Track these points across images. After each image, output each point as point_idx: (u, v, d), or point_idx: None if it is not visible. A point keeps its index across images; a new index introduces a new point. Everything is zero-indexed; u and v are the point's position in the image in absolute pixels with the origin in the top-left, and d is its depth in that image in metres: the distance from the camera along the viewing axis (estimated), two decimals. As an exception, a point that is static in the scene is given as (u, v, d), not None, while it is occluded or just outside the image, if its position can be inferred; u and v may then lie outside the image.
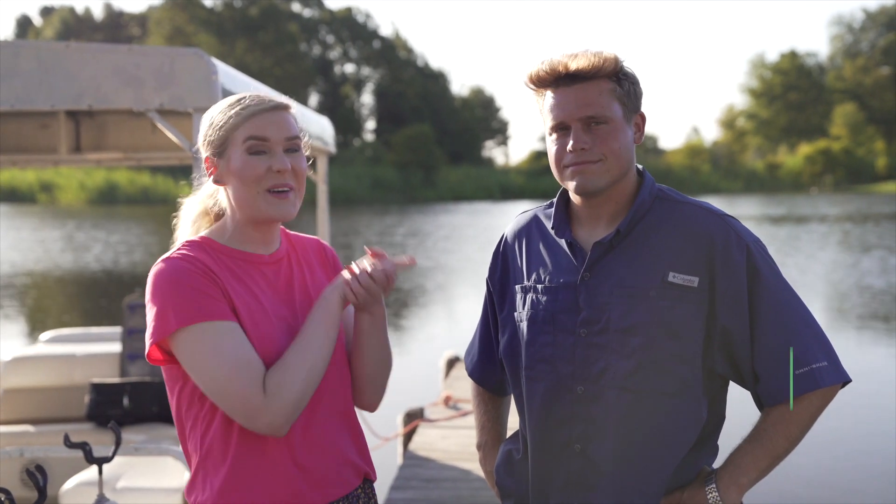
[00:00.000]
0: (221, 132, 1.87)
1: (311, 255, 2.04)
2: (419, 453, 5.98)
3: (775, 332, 1.89)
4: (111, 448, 2.56)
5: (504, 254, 2.17)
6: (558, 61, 1.92)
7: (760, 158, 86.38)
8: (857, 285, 17.80)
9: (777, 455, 1.91)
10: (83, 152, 5.40)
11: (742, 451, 1.93)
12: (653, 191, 2.01)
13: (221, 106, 1.90)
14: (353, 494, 1.94)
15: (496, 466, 2.17)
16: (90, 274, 22.43)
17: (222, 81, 3.85)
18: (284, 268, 1.96)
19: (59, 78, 3.79)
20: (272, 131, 1.85)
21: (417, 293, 18.65)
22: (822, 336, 1.93)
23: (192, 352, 1.76)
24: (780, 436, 1.90)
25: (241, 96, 1.90)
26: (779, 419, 1.90)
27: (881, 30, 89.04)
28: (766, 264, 1.93)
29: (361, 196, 60.39)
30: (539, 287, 2.02)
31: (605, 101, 1.91)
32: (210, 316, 1.77)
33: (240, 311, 1.82)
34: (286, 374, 1.77)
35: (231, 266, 1.87)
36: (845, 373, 1.91)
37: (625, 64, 1.95)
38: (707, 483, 1.92)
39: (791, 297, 1.93)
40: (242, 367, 1.75)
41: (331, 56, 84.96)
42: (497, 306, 2.17)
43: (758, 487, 1.96)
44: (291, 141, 1.88)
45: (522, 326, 2.04)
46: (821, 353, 1.90)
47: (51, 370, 5.79)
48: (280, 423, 1.76)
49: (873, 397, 9.13)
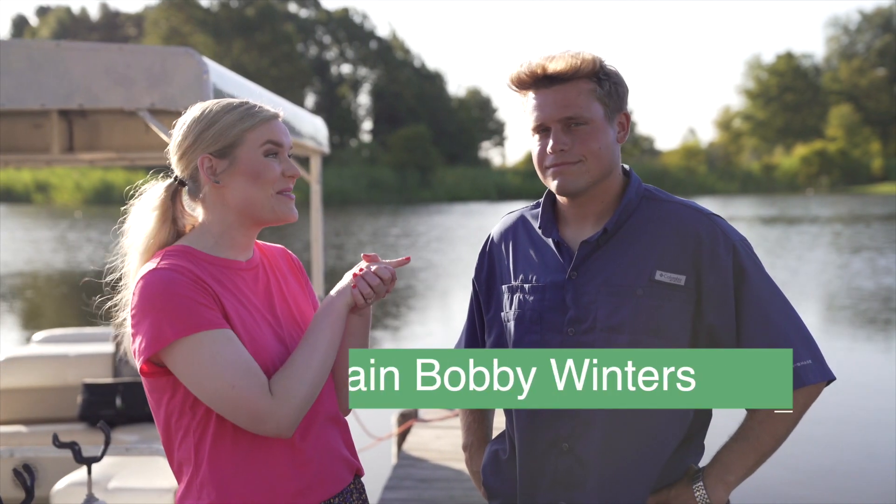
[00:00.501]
0: (231, 133, 1.88)
1: (280, 262, 2.07)
2: (413, 453, 5.99)
3: (760, 331, 1.90)
4: (101, 448, 2.56)
5: (490, 254, 2.18)
6: (537, 63, 1.94)
7: (756, 159, 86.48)
8: (847, 286, 17.82)
9: (763, 453, 1.92)
10: (76, 152, 5.39)
11: (729, 450, 1.94)
12: (639, 190, 2.02)
13: (220, 107, 1.91)
14: (347, 490, 1.96)
15: (483, 466, 2.17)
16: (83, 273, 22.40)
17: (214, 81, 3.85)
18: (261, 274, 1.98)
19: (49, 77, 3.78)
20: (284, 138, 1.93)
21: (409, 293, 18.65)
22: (807, 335, 1.93)
23: (191, 362, 1.76)
24: (766, 434, 1.91)
25: (240, 101, 1.92)
26: (765, 417, 1.91)
27: (877, 31, 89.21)
28: (753, 263, 1.94)
29: (358, 197, 60.37)
30: (526, 287, 2.03)
31: (584, 101, 1.92)
32: (206, 325, 1.77)
33: (232, 319, 1.83)
34: (294, 378, 1.80)
35: (215, 274, 1.87)
36: (829, 371, 1.92)
37: (606, 63, 1.96)
38: (694, 481, 1.92)
39: (776, 296, 1.94)
40: (246, 373, 1.76)
41: (327, 56, 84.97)
42: (483, 306, 2.17)
43: (754, 487, 1.97)
44: (291, 149, 1.95)
45: (510, 326, 2.04)
46: (805, 352, 1.91)
47: (43, 370, 5.78)
48: (287, 425, 1.79)
49: (863, 398, 9.15)
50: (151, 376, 1.84)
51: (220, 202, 1.91)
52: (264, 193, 1.89)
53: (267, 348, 1.85)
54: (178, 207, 1.97)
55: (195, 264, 1.85)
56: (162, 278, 1.79)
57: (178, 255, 1.87)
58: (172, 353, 1.77)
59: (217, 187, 1.90)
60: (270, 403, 1.76)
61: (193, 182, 1.94)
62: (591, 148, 1.93)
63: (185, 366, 1.77)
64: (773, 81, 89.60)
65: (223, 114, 1.90)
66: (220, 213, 1.92)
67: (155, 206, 1.94)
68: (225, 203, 1.91)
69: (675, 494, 1.94)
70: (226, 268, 1.90)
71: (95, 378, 5.67)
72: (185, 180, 1.95)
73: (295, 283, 2.06)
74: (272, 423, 1.77)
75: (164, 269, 1.81)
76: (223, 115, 1.90)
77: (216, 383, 1.75)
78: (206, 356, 1.75)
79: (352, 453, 2.01)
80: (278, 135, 1.91)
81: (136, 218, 1.97)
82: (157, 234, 1.93)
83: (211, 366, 1.75)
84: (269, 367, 1.84)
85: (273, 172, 1.90)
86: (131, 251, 1.95)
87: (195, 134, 1.91)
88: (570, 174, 1.94)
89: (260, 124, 1.90)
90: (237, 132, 1.89)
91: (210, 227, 1.93)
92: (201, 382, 1.77)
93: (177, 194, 1.97)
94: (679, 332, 1.90)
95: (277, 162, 1.91)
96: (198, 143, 1.90)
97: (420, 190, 68.44)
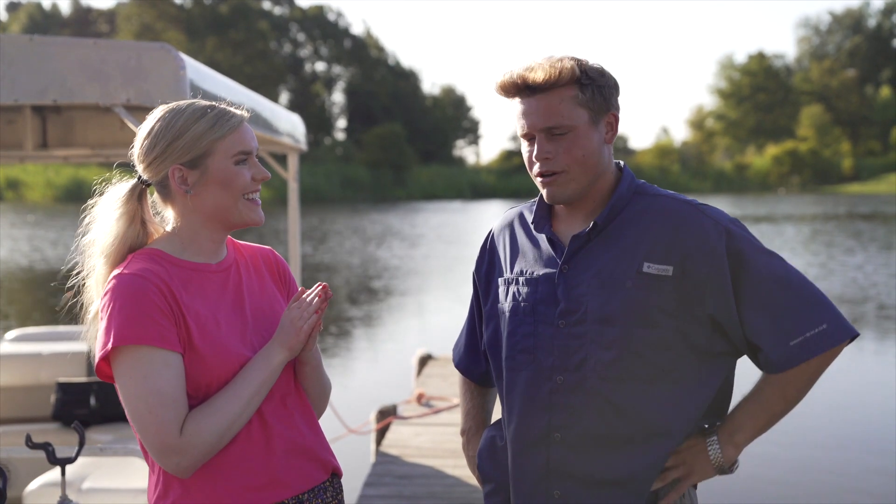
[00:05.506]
0: (202, 143, 1.87)
1: (260, 263, 2.07)
2: (392, 450, 5.98)
3: (765, 307, 1.90)
4: (76, 448, 2.52)
5: (490, 249, 2.21)
6: (518, 74, 1.95)
7: (729, 159, 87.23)
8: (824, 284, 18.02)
9: (774, 414, 1.96)
10: (50, 148, 5.31)
11: (740, 409, 1.98)
12: (631, 185, 2.03)
13: (189, 115, 1.89)
14: (320, 488, 1.97)
15: (479, 451, 2.19)
16: (54, 271, 22.14)
17: (191, 77, 3.80)
18: (233, 275, 1.98)
19: (22, 72, 3.72)
20: (253, 144, 1.93)
21: (387, 291, 18.63)
22: (819, 298, 1.92)
23: (125, 373, 1.79)
24: (777, 396, 1.95)
25: (207, 105, 1.91)
26: (777, 380, 1.94)
27: (847, 32, 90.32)
28: (748, 243, 1.94)
29: (332, 195, 60.22)
30: (520, 279, 2.05)
31: (565, 109, 1.93)
32: (154, 341, 1.78)
33: (192, 327, 1.83)
34: (207, 421, 1.80)
35: (183, 278, 1.88)
36: (850, 328, 1.91)
37: (589, 64, 1.96)
38: (708, 436, 1.97)
39: (779, 268, 1.93)
40: (167, 405, 1.78)
41: (301, 54, 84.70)
42: (482, 300, 2.20)
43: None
44: (257, 150, 1.97)
45: (505, 318, 2.06)
46: (818, 317, 1.90)
47: (16, 369, 5.69)
48: (187, 466, 1.80)
49: (853, 395, 9.26)
50: (109, 378, 1.86)
51: (189, 209, 1.92)
52: (234, 199, 1.91)
53: (229, 352, 1.86)
54: (145, 208, 1.97)
55: (164, 268, 1.86)
56: (129, 284, 1.81)
57: (147, 258, 1.88)
58: (116, 357, 1.80)
59: (187, 196, 1.90)
60: (177, 442, 1.78)
61: (162, 187, 1.94)
62: (575, 156, 1.95)
63: (119, 373, 1.80)
64: (745, 81, 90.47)
65: (192, 122, 1.89)
66: (190, 219, 1.93)
67: (119, 207, 1.94)
68: (195, 209, 1.92)
69: (688, 445, 1.97)
70: (194, 271, 1.91)
71: (69, 377, 5.60)
72: (154, 183, 1.94)
73: (272, 283, 2.06)
74: (173, 460, 1.79)
75: (132, 274, 1.82)
76: (192, 124, 1.88)
77: (137, 403, 1.78)
78: (139, 373, 1.77)
79: (326, 452, 2.01)
80: (248, 142, 1.92)
81: (101, 218, 1.96)
82: (124, 236, 1.93)
83: (140, 384, 1.77)
84: (232, 370, 1.86)
85: (243, 179, 1.91)
86: (96, 251, 1.94)
87: (164, 143, 1.89)
88: (556, 185, 1.97)
89: (230, 133, 1.90)
90: (207, 143, 1.88)
91: (179, 232, 1.94)
92: (127, 396, 1.80)
93: (142, 195, 1.96)
94: (669, 322, 1.91)
95: (247, 168, 1.92)
96: (167, 153, 1.89)
97: (394, 188, 68.44)
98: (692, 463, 1.96)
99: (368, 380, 10.90)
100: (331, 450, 2.04)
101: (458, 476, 5.41)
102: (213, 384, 1.85)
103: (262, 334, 1.95)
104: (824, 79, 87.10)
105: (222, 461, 1.85)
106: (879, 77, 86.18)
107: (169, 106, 1.93)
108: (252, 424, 1.87)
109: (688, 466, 1.96)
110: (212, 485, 1.84)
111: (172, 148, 1.88)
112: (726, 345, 1.95)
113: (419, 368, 8.71)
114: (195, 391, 1.84)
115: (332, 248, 27.07)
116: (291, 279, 2.12)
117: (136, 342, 1.77)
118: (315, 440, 1.98)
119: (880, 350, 12.30)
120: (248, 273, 2.02)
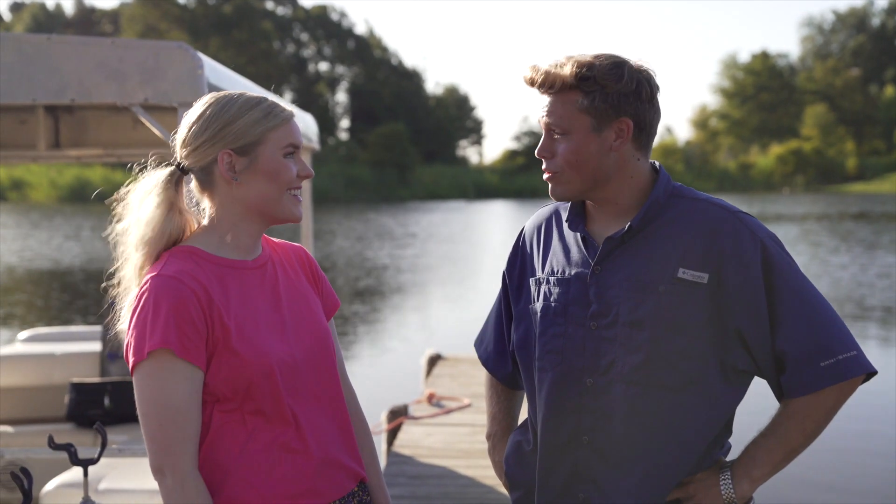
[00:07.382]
0: (255, 131, 1.86)
1: (293, 260, 2.05)
2: (404, 451, 5.97)
3: (799, 325, 1.88)
4: (95, 449, 2.52)
5: (522, 248, 2.19)
6: (526, 72, 1.97)
7: (733, 158, 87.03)
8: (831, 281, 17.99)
9: (792, 449, 1.92)
10: (62, 148, 5.31)
11: (756, 445, 1.94)
12: (668, 188, 2.01)
13: (243, 103, 1.87)
14: (348, 497, 1.96)
15: (506, 457, 2.17)
16: (68, 271, 22.17)
17: (208, 76, 3.79)
18: (269, 272, 1.96)
19: (40, 71, 3.71)
20: (301, 139, 1.93)
21: (393, 291, 18.62)
22: (844, 328, 1.92)
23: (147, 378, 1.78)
24: (795, 430, 1.91)
25: (259, 98, 1.90)
26: (795, 413, 1.90)
27: (851, 31, 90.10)
28: (783, 258, 1.92)
29: (336, 195, 60.17)
30: (552, 279, 2.03)
31: (565, 113, 1.93)
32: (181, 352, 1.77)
33: (230, 327, 1.81)
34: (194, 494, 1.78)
35: (220, 276, 1.86)
36: (869, 364, 1.90)
37: (599, 66, 1.90)
38: (722, 471, 1.93)
39: (810, 289, 1.93)
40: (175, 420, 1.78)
41: (305, 54, 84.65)
42: (513, 300, 2.17)
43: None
44: None
45: (536, 318, 2.05)
46: (849, 343, 1.89)
47: (29, 370, 5.70)
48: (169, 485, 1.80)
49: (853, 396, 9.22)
50: None
51: (231, 198, 1.89)
52: (280, 192, 1.90)
53: (266, 349, 1.84)
54: (181, 197, 1.92)
55: (201, 267, 1.84)
56: (165, 287, 1.78)
57: (184, 257, 1.85)
58: (142, 360, 1.78)
59: (233, 184, 1.88)
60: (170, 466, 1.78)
61: (205, 174, 1.89)
62: (569, 160, 1.94)
63: (141, 377, 1.79)
64: (748, 81, 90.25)
65: (246, 110, 1.87)
66: (230, 209, 1.89)
67: (159, 194, 1.89)
68: (237, 199, 1.88)
69: (700, 478, 1.94)
70: (231, 268, 1.89)
71: (83, 377, 5.60)
72: (195, 171, 1.90)
73: (305, 281, 2.04)
74: (158, 477, 1.80)
75: (170, 277, 1.80)
76: (246, 111, 1.87)
77: (151, 410, 1.79)
78: (159, 383, 1.77)
79: (356, 461, 2.00)
80: (297, 136, 1.91)
81: (137, 206, 1.91)
82: (163, 224, 1.87)
83: (157, 393, 1.78)
84: (271, 369, 1.83)
85: (290, 173, 1.90)
86: (132, 240, 1.90)
87: (217, 127, 1.86)
88: (554, 183, 1.99)
89: (282, 124, 1.89)
90: (261, 131, 1.87)
91: (217, 225, 1.90)
92: (141, 401, 1.80)
93: (179, 183, 1.92)
94: (700, 330, 1.89)
95: (294, 162, 1.91)
96: (218, 137, 1.86)
97: (398, 188, 68.38)
98: (702, 498, 1.92)
99: (376, 380, 10.89)
100: (360, 458, 2.03)
101: (472, 476, 5.40)
102: (252, 385, 1.82)
103: (299, 333, 1.93)
104: (828, 78, 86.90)
105: (260, 467, 1.83)
106: (883, 76, 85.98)
107: (219, 94, 1.92)
108: (290, 433, 1.86)
109: (696, 501, 1.93)
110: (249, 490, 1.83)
111: (225, 132, 1.86)
112: (749, 363, 1.92)
113: (428, 368, 8.70)
114: (234, 393, 1.82)
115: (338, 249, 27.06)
116: (323, 277, 2.11)
117: (161, 346, 1.76)
118: (348, 450, 1.98)
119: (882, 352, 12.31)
120: (284, 270, 2.00)
